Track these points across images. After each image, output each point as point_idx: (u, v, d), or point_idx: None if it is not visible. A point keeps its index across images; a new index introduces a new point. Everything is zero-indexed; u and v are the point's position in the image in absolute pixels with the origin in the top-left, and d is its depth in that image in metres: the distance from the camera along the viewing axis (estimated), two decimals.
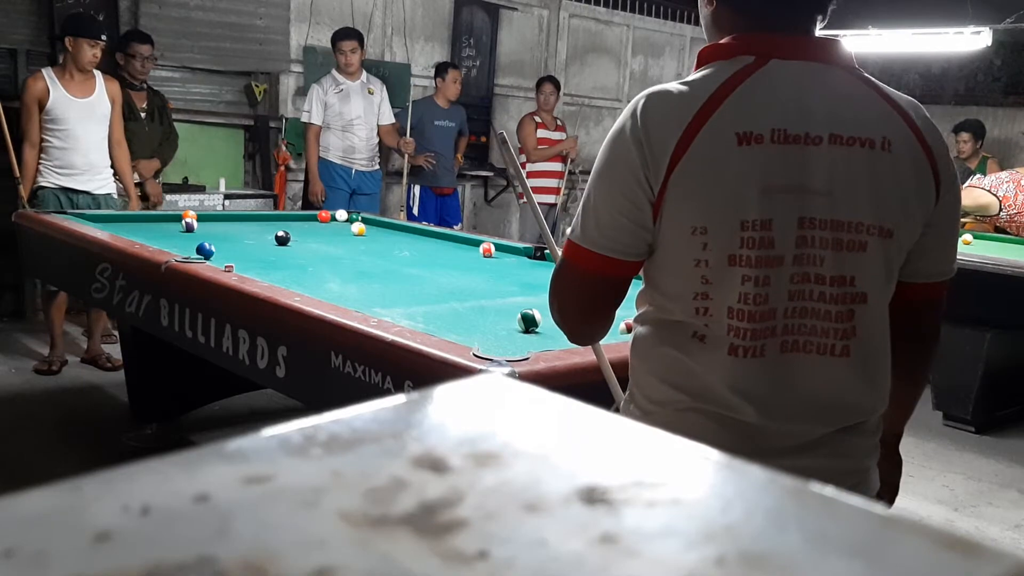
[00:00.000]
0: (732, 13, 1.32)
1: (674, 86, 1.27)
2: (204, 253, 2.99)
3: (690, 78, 1.29)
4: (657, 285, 1.32)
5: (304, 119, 5.64)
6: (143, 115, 4.96)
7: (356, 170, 5.69)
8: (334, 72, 5.67)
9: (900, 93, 1.33)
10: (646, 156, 1.23)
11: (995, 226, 5.45)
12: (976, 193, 5.28)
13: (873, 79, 1.32)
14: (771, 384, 1.27)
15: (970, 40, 6.57)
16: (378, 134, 5.81)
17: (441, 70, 6.17)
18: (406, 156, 5.98)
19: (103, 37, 4.36)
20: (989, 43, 6.62)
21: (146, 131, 4.94)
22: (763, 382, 1.27)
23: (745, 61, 1.26)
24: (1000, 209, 5.22)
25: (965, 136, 6.35)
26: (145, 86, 5.03)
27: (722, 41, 1.30)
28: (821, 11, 1.31)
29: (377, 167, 5.92)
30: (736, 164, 1.22)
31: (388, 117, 5.87)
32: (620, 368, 1.94)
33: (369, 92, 5.72)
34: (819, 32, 1.33)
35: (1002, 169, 6.20)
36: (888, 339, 1.34)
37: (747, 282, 1.24)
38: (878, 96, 1.29)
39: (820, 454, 1.30)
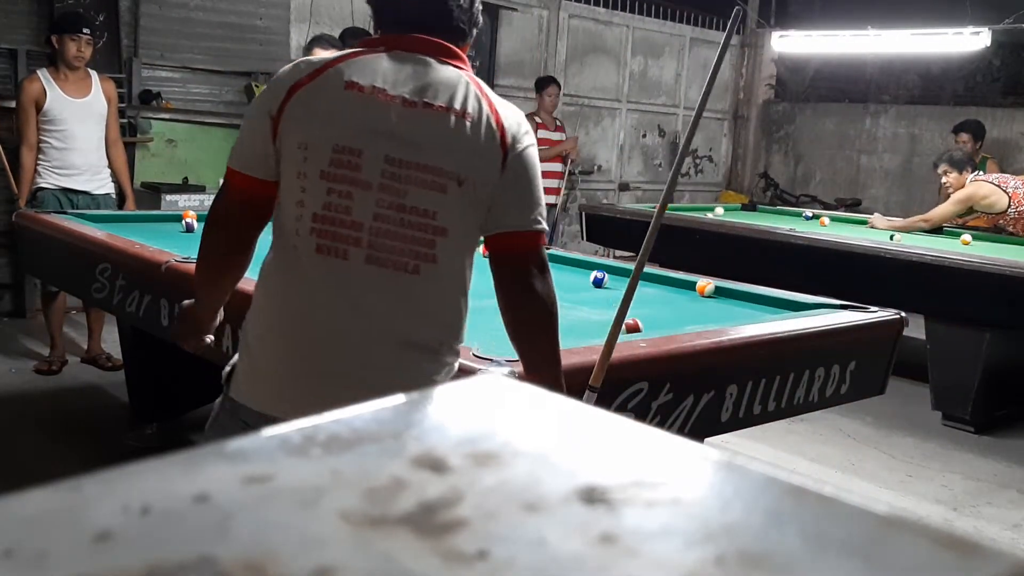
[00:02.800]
0: (379, 24, 1.73)
1: (317, 56, 1.69)
2: None
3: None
4: (279, 201, 1.63)
5: None
6: None
7: None
8: None
9: (504, 104, 1.68)
10: (274, 91, 1.60)
11: (995, 224, 5.46)
12: (986, 188, 5.30)
13: (468, 70, 1.68)
14: (352, 286, 1.57)
15: (969, 40, 6.57)
16: None
17: None
18: None
19: (86, 31, 4.29)
20: (988, 43, 6.62)
21: None
22: (345, 283, 1.57)
23: (377, 49, 1.65)
24: (1009, 205, 5.25)
25: (964, 136, 6.35)
26: None
27: (374, 37, 1.73)
28: (440, 25, 1.67)
29: None
30: (339, 101, 1.58)
31: None
32: (615, 370, 1.95)
33: None
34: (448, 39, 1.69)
35: (1001, 170, 6.21)
36: (465, 276, 1.66)
37: (332, 194, 1.56)
38: (472, 83, 1.65)
39: (381, 368, 1.57)
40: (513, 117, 1.66)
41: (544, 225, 1.68)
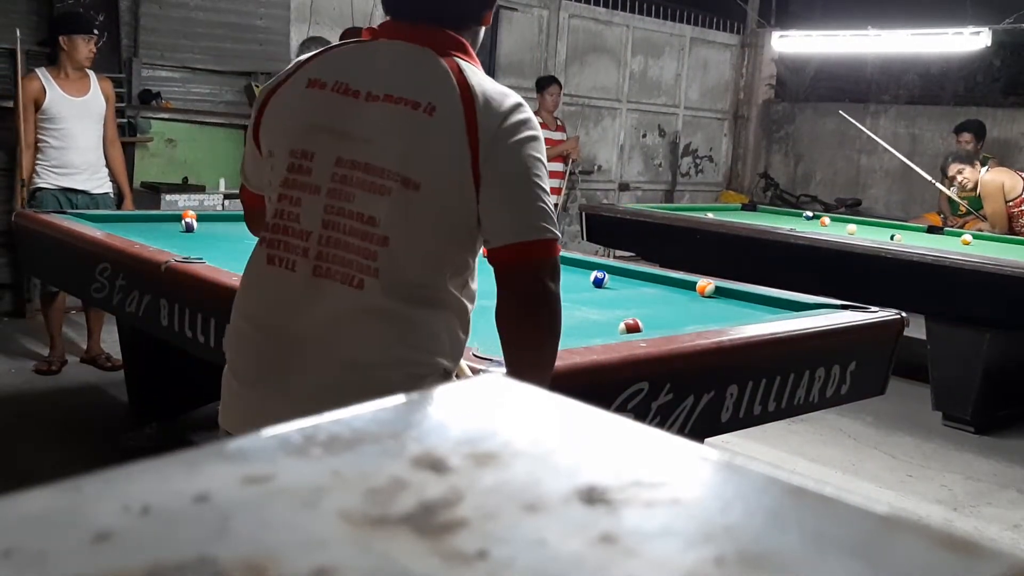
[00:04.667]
0: (384, 8, 1.57)
1: (307, 54, 1.59)
2: None
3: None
4: None
5: None
6: None
7: None
8: None
9: (494, 85, 1.48)
10: (256, 104, 1.56)
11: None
12: (1004, 173, 5.59)
13: (466, 64, 1.48)
14: (300, 299, 1.44)
15: (969, 40, 6.57)
16: None
17: None
18: None
19: (96, 31, 4.35)
20: (988, 43, 6.63)
21: None
22: (293, 295, 1.44)
23: (365, 40, 1.54)
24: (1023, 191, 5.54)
25: (967, 136, 6.37)
26: None
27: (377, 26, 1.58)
28: (433, 9, 1.52)
29: None
30: (298, 102, 1.49)
31: None
32: (615, 370, 1.95)
33: None
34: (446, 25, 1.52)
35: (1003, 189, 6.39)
36: (426, 293, 1.46)
37: (283, 200, 1.47)
38: (450, 73, 1.45)
39: (325, 387, 1.41)
40: (493, 106, 1.43)
41: (545, 231, 1.44)
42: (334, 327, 1.43)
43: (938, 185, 6.32)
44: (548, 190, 1.48)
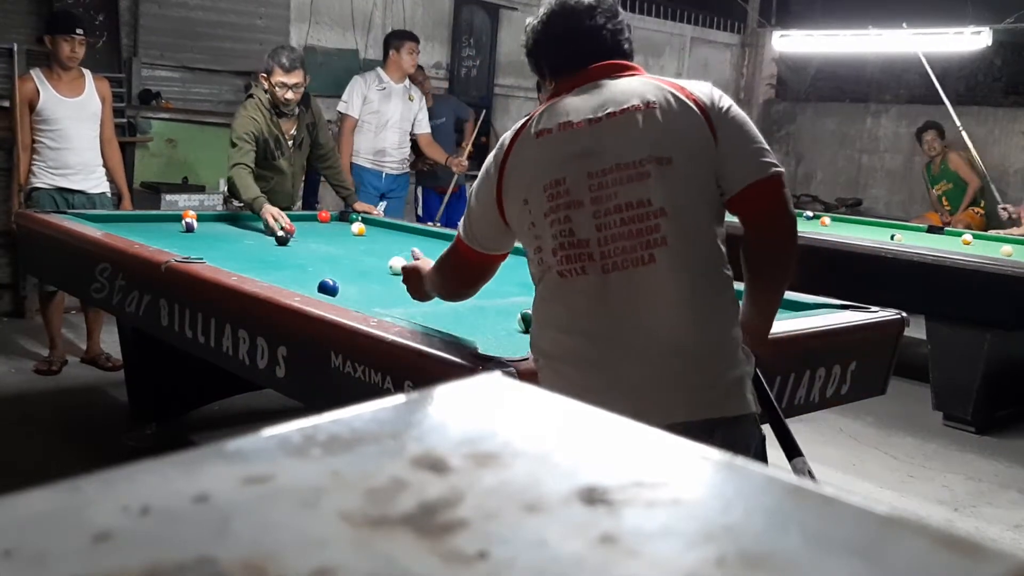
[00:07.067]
0: (548, 74, 1.88)
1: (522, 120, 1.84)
2: (329, 291, 2.54)
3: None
4: (525, 255, 1.81)
5: (341, 109, 5.42)
6: (290, 146, 4.29)
7: (387, 173, 5.59)
8: (379, 70, 5.57)
9: (690, 81, 1.78)
10: (491, 169, 1.80)
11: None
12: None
13: (653, 77, 1.79)
14: (601, 296, 1.65)
15: (970, 40, 6.57)
16: (417, 144, 5.74)
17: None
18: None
19: (79, 31, 4.25)
20: (989, 43, 6.63)
21: (290, 169, 4.31)
22: (594, 295, 1.65)
23: (560, 95, 1.79)
24: None
25: (931, 135, 6.84)
26: (296, 110, 4.22)
27: (554, 89, 1.85)
28: (599, 52, 1.79)
29: (406, 170, 5.82)
30: (535, 150, 1.74)
31: (425, 127, 5.77)
32: None
33: (409, 99, 5.64)
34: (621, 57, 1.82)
35: (970, 161, 6.58)
36: (709, 251, 1.69)
37: (555, 225, 1.69)
38: (650, 80, 1.76)
39: (649, 368, 1.63)
40: (700, 87, 1.74)
41: (777, 165, 1.71)
42: (639, 312, 1.64)
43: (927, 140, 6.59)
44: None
